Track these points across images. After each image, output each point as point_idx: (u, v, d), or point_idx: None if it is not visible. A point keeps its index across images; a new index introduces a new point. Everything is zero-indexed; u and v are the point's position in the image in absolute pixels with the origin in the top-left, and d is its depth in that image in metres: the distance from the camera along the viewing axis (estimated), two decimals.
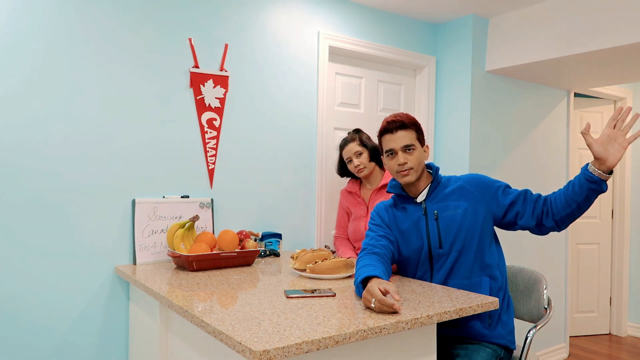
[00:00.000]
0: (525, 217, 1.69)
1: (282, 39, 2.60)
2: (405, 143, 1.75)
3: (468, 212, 1.72)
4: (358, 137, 2.40)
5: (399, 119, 1.76)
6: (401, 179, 1.77)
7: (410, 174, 1.75)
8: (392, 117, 1.78)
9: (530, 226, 1.69)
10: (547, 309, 1.86)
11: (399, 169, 1.75)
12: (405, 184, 1.78)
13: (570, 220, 1.64)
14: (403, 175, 1.75)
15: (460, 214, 1.72)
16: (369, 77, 3.05)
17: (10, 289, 1.88)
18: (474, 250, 1.71)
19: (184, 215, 2.26)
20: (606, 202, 4.22)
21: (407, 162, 1.74)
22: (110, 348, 2.10)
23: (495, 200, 1.72)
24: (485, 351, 1.63)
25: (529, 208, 1.67)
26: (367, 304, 1.38)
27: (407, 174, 1.75)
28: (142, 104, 2.17)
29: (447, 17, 3.13)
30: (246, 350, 1.06)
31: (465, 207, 1.73)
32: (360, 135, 2.42)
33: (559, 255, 3.68)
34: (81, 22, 2.02)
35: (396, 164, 1.75)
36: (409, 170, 1.74)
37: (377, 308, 1.34)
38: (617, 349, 3.88)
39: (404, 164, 1.74)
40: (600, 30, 2.60)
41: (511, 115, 3.31)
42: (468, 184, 1.77)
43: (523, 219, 1.69)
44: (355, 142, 2.39)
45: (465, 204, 1.73)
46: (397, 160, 1.75)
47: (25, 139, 1.91)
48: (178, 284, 1.73)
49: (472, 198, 1.73)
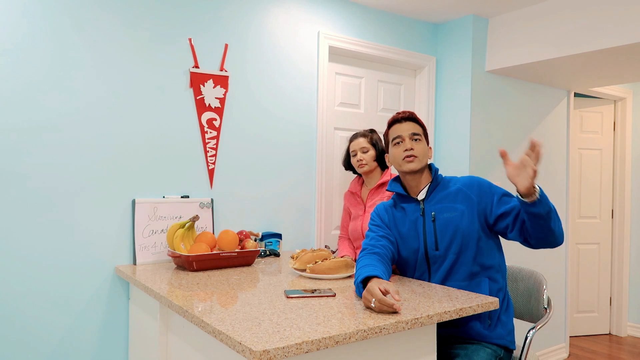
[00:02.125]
0: (514, 232, 1.66)
1: (282, 38, 2.60)
2: (413, 131, 1.80)
3: (465, 215, 1.71)
4: (370, 136, 2.44)
5: (408, 113, 1.84)
6: (406, 166, 1.77)
7: (415, 162, 1.76)
8: (401, 111, 1.85)
9: (519, 241, 1.67)
10: (547, 309, 1.86)
11: (405, 155, 1.76)
12: (410, 171, 1.78)
13: (545, 241, 1.59)
14: (408, 162, 1.76)
15: (457, 216, 1.72)
16: (369, 77, 3.05)
17: (10, 289, 1.88)
18: (473, 253, 1.71)
19: (184, 215, 2.26)
20: (606, 202, 4.22)
21: (413, 149, 1.76)
22: (110, 348, 2.10)
23: (489, 207, 1.71)
24: (485, 351, 1.63)
25: (519, 224, 1.63)
26: (367, 303, 1.38)
27: (412, 160, 1.76)
28: (142, 103, 2.17)
29: (447, 17, 3.13)
30: (246, 350, 1.06)
31: (462, 210, 1.72)
32: (373, 134, 2.46)
33: (559, 255, 3.68)
34: (81, 22, 2.02)
35: (402, 150, 1.77)
36: (414, 157, 1.76)
37: (377, 308, 1.34)
38: (617, 349, 3.88)
39: (410, 149, 1.76)
40: (600, 30, 2.60)
41: (511, 115, 3.31)
42: (466, 187, 1.76)
43: (512, 234, 1.67)
44: (366, 138, 2.43)
45: (463, 207, 1.73)
46: (404, 146, 1.77)
47: (25, 139, 1.91)
48: (178, 284, 1.73)
49: (470, 201, 1.73)
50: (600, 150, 4.20)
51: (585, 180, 4.14)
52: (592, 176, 4.17)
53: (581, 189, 4.12)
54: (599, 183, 4.19)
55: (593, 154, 4.17)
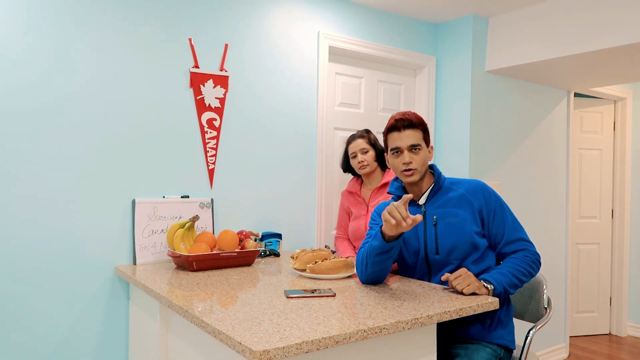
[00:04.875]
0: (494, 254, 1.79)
1: (282, 38, 2.60)
2: (412, 142, 1.73)
3: (467, 221, 1.71)
4: (367, 136, 2.44)
5: (407, 118, 1.74)
6: (404, 179, 1.77)
7: (414, 175, 1.74)
8: (400, 115, 1.76)
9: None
10: (547, 309, 1.86)
11: (403, 168, 1.75)
12: (408, 183, 1.78)
13: None
14: (407, 175, 1.75)
15: (458, 222, 1.71)
16: (369, 77, 3.05)
17: (10, 289, 1.88)
18: (473, 258, 1.71)
19: (184, 215, 2.26)
20: (606, 202, 4.22)
21: (412, 162, 1.73)
22: (110, 348, 2.10)
23: (486, 218, 1.74)
24: (485, 351, 1.63)
25: (502, 253, 1.76)
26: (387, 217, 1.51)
27: (411, 174, 1.74)
28: (142, 103, 2.17)
29: (447, 17, 3.13)
30: (246, 350, 1.06)
31: (464, 216, 1.72)
32: (369, 135, 2.46)
33: (559, 255, 3.68)
34: (81, 22, 2.02)
35: (401, 163, 1.74)
36: (413, 170, 1.74)
37: (389, 210, 1.50)
38: (617, 349, 3.88)
39: (408, 163, 1.73)
40: (600, 30, 2.60)
41: (511, 115, 3.31)
42: (469, 193, 1.76)
43: (492, 252, 1.79)
44: (364, 139, 2.43)
45: (465, 212, 1.72)
46: (402, 159, 1.73)
47: (25, 139, 1.91)
48: (178, 284, 1.73)
49: (471, 208, 1.73)
50: (600, 150, 4.20)
51: (585, 180, 4.14)
52: (592, 176, 4.17)
53: (581, 189, 4.12)
54: (599, 183, 4.19)
55: (593, 154, 4.17)
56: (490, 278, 1.61)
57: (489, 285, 1.59)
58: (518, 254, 1.71)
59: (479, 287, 1.56)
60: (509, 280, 1.62)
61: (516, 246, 1.73)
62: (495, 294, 1.59)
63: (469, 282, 1.56)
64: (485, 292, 1.57)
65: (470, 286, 1.55)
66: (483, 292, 1.56)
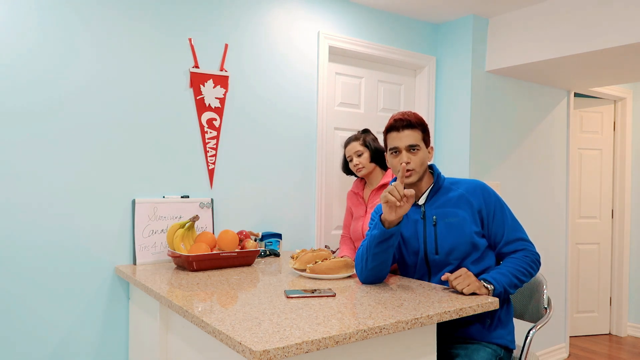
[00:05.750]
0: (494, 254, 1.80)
1: (282, 38, 2.60)
2: (411, 143, 1.73)
3: (467, 221, 1.71)
4: (362, 138, 2.41)
5: (406, 118, 1.74)
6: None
7: (413, 175, 1.74)
8: (399, 115, 1.76)
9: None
10: (547, 309, 1.86)
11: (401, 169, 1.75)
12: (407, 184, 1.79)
13: None
14: (405, 177, 1.75)
15: (458, 222, 1.71)
16: (369, 77, 3.05)
17: (10, 289, 1.88)
18: (473, 258, 1.71)
19: (184, 215, 2.26)
20: (606, 202, 4.22)
21: (410, 163, 1.72)
22: (110, 348, 2.10)
23: (485, 217, 1.74)
24: (485, 351, 1.63)
25: (502, 253, 1.77)
26: (388, 196, 1.56)
27: (409, 175, 1.74)
28: (142, 103, 2.17)
29: (447, 17, 3.13)
30: (246, 350, 1.06)
31: (464, 216, 1.72)
32: (365, 135, 2.42)
33: (559, 255, 3.68)
34: (81, 22, 2.02)
35: (399, 163, 1.74)
36: (411, 171, 1.73)
37: (389, 190, 1.55)
38: (617, 349, 3.88)
39: (407, 163, 1.72)
40: (600, 30, 2.60)
41: (511, 115, 3.31)
42: (469, 193, 1.76)
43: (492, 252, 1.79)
44: (359, 141, 2.40)
45: (464, 212, 1.72)
46: (401, 159, 1.73)
47: (25, 139, 1.91)
48: (178, 284, 1.73)
49: (470, 208, 1.73)
50: (600, 150, 4.20)
51: (585, 180, 4.14)
52: (592, 176, 4.17)
53: (581, 189, 4.12)
54: (599, 183, 4.19)
55: (593, 154, 4.17)
56: (490, 278, 1.61)
57: (489, 285, 1.59)
58: (518, 253, 1.71)
59: (479, 287, 1.56)
60: (508, 280, 1.62)
61: (516, 246, 1.73)
62: (495, 294, 1.59)
63: (469, 282, 1.56)
64: (485, 292, 1.57)
65: (470, 286, 1.55)
66: (483, 292, 1.56)
